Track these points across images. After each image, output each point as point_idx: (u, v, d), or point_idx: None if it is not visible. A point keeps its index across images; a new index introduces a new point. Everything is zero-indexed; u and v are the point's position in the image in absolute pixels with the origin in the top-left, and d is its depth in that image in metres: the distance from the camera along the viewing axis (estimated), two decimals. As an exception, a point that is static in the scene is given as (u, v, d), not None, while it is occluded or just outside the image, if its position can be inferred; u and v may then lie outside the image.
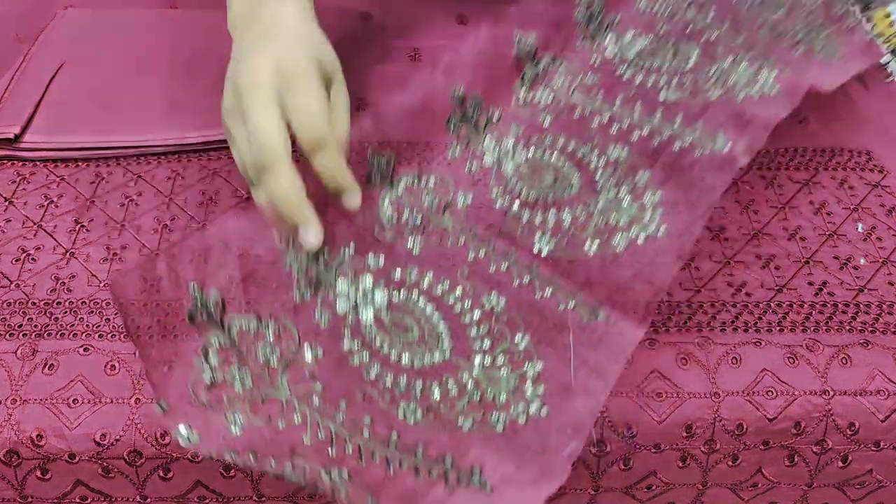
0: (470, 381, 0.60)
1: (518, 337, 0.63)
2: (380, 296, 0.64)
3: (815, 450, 0.67)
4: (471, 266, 0.66)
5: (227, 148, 0.87)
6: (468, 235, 0.66)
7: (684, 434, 0.66)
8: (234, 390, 0.59)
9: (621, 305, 0.62)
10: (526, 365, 0.62)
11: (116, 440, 0.61)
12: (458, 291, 0.65)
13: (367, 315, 0.62)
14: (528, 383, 0.60)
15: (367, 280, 0.64)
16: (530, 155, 0.72)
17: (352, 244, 0.63)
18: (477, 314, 0.64)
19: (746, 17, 0.87)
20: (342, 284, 0.64)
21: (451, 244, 0.66)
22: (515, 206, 0.68)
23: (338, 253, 0.65)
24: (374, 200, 0.69)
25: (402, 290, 0.64)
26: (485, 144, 0.71)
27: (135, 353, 0.65)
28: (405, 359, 0.61)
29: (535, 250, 0.66)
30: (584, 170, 0.70)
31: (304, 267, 0.64)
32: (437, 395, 0.58)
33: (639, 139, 0.70)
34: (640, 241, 0.63)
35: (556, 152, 0.71)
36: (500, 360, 0.62)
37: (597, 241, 0.63)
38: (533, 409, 0.58)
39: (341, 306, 0.64)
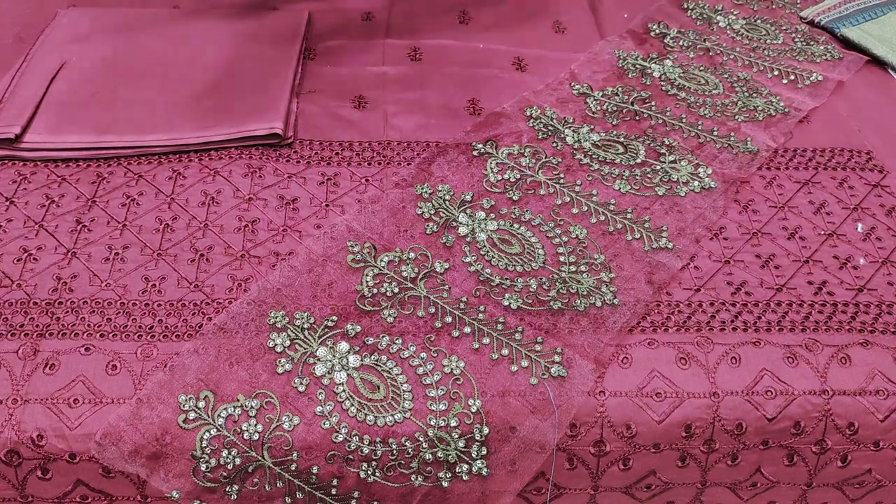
0: None
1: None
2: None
3: (814, 449, 0.67)
4: None
5: (227, 148, 0.88)
6: None
7: (684, 434, 0.66)
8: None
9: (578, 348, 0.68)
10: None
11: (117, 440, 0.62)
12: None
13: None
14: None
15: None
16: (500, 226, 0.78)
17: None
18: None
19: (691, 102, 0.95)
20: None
21: None
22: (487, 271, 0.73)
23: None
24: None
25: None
26: (459, 218, 0.78)
27: (136, 353, 0.66)
28: None
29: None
30: (548, 243, 0.76)
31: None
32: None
33: (597, 223, 0.79)
34: (598, 305, 0.71)
35: (522, 225, 0.78)
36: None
37: (558, 304, 0.71)
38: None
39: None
